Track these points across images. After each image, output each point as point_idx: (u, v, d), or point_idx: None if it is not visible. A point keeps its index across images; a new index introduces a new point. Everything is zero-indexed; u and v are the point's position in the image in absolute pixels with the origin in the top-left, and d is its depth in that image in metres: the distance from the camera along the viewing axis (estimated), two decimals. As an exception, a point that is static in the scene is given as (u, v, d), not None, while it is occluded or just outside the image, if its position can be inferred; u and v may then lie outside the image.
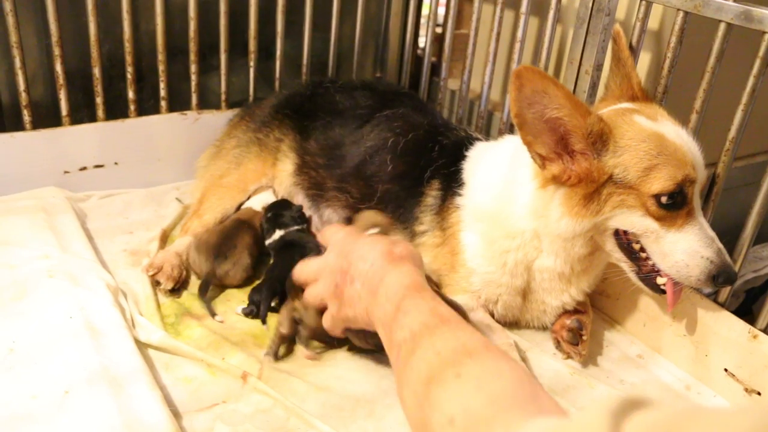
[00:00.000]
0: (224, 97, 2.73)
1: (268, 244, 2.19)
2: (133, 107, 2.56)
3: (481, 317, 1.95)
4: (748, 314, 1.91)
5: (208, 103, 2.74)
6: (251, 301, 1.99)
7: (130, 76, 2.49)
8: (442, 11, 2.97)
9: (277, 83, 2.81)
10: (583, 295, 1.97)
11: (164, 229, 2.35)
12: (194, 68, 2.60)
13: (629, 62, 1.85)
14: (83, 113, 2.54)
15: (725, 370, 1.84)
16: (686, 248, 1.66)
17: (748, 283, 2.46)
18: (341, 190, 2.27)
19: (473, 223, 1.97)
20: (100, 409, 1.52)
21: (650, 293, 1.82)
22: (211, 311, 1.97)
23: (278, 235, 2.17)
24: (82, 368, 1.61)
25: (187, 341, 1.85)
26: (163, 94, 2.60)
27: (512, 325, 2.04)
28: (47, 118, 2.45)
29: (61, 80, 2.37)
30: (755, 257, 2.54)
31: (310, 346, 1.84)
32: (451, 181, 2.06)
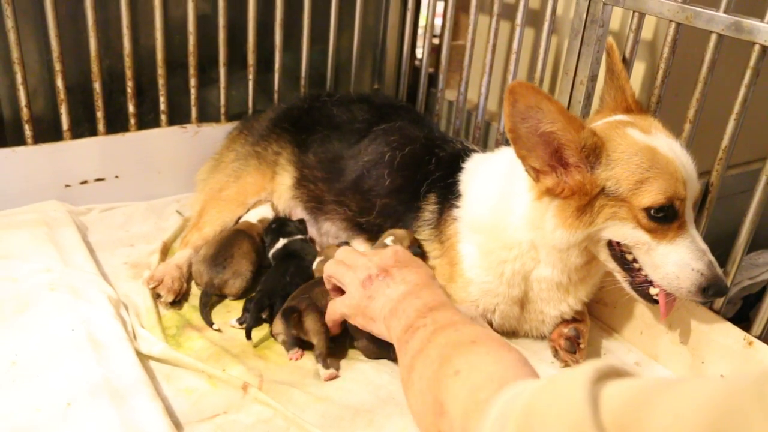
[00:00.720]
0: (223, 110, 2.75)
1: (271, 254, 2.21)
2: (133, 121, 2.58)
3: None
4: (745, 321, 1.91)
5: (207, 116, 2.76)
6: (245, 310, 2.02)
7: (130, 90, 2.51)
8: (439, 22, 2.99)
9: (275, 96, 2.84)
10: (581, 304, 1.98)
11: (165, 241, 2.37)
12: (193, 82, 2.63)
13: (623, 74, 1.88)
14: (84, 127, 2.57)
15: (721, 376, 1.84)
16: (677, 260, 1.67)
17: (744, 290, 2.47)
18: (340, 203, 2.29)
19: (470, 234, 1.99)
20: (102, 421, 1.53)
21: (644, 303, 1.83)
22: (208, 321, 1.99)
23: (281, 243, 2.20)
24: (84, 380, 1.63)
25: (188, 353, 1.87)
26: (162, 107, 2.62)
27: (510, 335, 2.06)
28: (48, 132, 2.47)
29: (62, 95, 2.39)
30: (751, 264, 2.55)
31: (327, 363, 1.84)
32: (448, 193, 2.08)
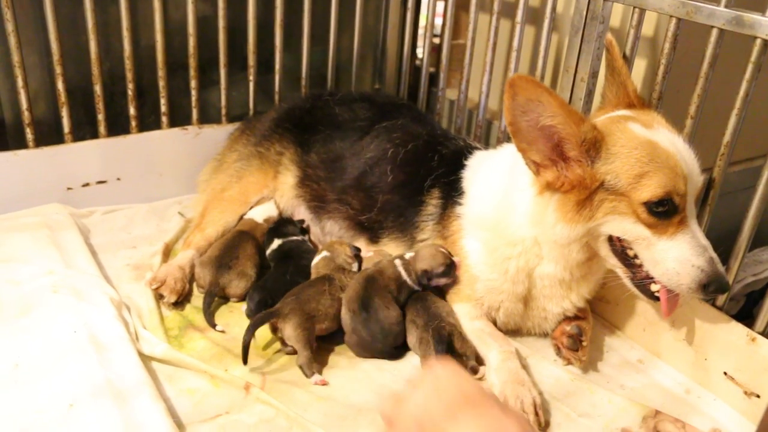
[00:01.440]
0: (224, 111, 2.76)
1: (267, 254, 2.21)
2: (134, 123, 2.58)
3: (482, 326, 1.96)
4: (748, 318, 1.91)
5: (208, 117, 2.76)
6: (248, 307, 2.02)
7: (130, 92, 2.52)
8: (439, 21, 2.99)
9: (276, 96, 2.84)
10: (583, 301, 1.98)
11: (167, 243, 2.37)
12: (194, 83, 2.63)
13: (623, 70, 1.87)
14: (85, 130, 2.57)
15: (725, 373, 1.85)
16: (677, 256, 1.66)
17: (748, 286, 2.46)
18: (342, 201, 2.29)
19: (474, 231, 2.00)
20: (104, 422, 1.53)
21: (645, 300, 1.83)
22: (210, 322, 1.99)
23: (276, 244, 2.20)
24: (86, 382, 1.63)
25: (190, 353, 1.87)
26: (163, 109, 2.62)
27: (514, 332, 2.06)
28: (50, 135, 2.48)
29: (62, 98, 2.40)
30: (755, 261, 2.54)
31: (312, 370, 1.84)
32: (451, 190, 2.08)
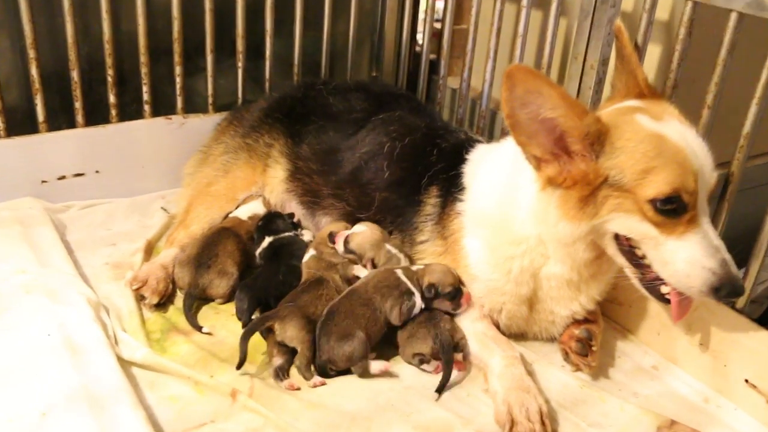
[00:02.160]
0: (211, 100, 2.75)
1: (258, 253, 2.20)
2: (114, 112, 2.57)
3: (484, 329, 1.95)
4: (772, 322, 1.90)
5: (194, 106, 2.75)
6: (237, 308, 2.00)
7: (110, 79, 2.51)
8: (440, 5, 2.98)
9: (267, 85, 2.83)
10: (593, 303, 1.97)
11: (149, 240, 2.36)
12: (179, 70, 2.62)
13: (633, 58, 1.86)
14: (61, 119, 2.55)
15: (746, 380, 1.84)
16: (687, 257, 1.64)
17: (771, 288, 2.46)
18: (338, 197, 2.28)
19: (475, 229, 1.98)
20: (79, 431, 1.52)
21: (656, 302, 1.81)
22: (195, 325, 1.98)
23: (267, 242, 2.19)
24: (60, 388, 1.62)
25: (173, 358, 1.86)
26: (146, 97, 2.61)
27: (518, 336, 2.05)
28: (23, 124, 2.46)
29: (36, 84, 2.38)
30: (778, 261, 2.53)
31: (312, 372, 1.83)
32: (450, 186, 2.07)
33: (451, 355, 1.84)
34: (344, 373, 1.85)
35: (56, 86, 2.51)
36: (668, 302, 1.73)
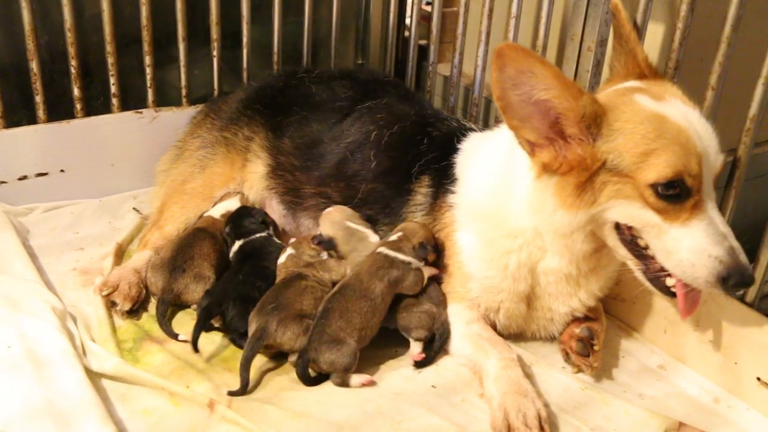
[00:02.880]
0: (185, 92, 2.74)
1: (231, 257, 2.19)
2: (79, 106, 2.56)
3: (479, 330, 1.95)
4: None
5: (166, 99, 2.75)
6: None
7: (74, 70, 2.50)
8: (430, -13, 2.98)
9: (245, 75, 2.83)
10: (594, 299, 1.98)
11: (120, 243, 2.35)
12: (149, 60, 2.61)
13: (632, 37, 1.86)
14: (21, 114, 2.55)
15: (758, 379, 1.84)
16: (692, 246, 1.64)
17: (787, 281, 2.46)
18: (321, 194, 2.28)
19: (469, 222, 1.99)
20: (43, 449, 1.52)
21: (662, 296, 1.82)
22: (170, 333, 1.97)
23: (237, 245, 2.18)
24: (21, 404, 1.61)
25: (147, 368, 1.85)
26: (114, 90, 2.60)
27: (517, 336, 2.05)
28: (-22, 120, 2.46)
29: (-8, 77, 2.39)
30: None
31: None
32: (442, 176, 2.07)
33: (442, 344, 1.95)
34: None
35: (14, 79, 2.50)
36: (674, 295, 1.73)
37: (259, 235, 2.21)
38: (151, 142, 2.67)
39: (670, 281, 1.72)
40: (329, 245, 2.07)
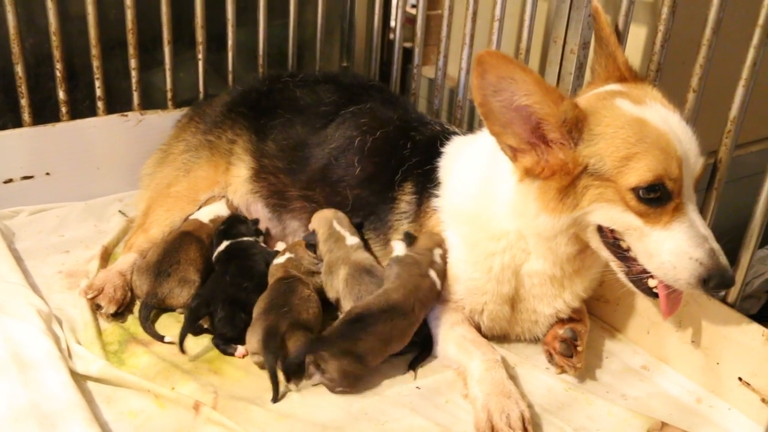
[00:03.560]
0: (170, 95, 2.74)
1: (214, 257, 2.20)
2: (64, 110, 2.56)
3: (464, 332, 1.96)
4: (770, 318, 1.92)
5: (152, 102, 2.75)
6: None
7: (59, 74, 2.49)
8: (414, -10, 3.00)
9: (230, 78, 2.83)
10: (578, 300, 1.99)
11: (105, 246, 2.35)
12: (134, 63, 2.61)
13: (612, 40, 1.88)
14: (6, 118, 2.55)
15: (739, 378, 1.86)
16: (673, 248, 1.66)
17: (768, 283, 2.48)
18: (306, 197, 2.29)
19: (453, 225, 2.00)
20: (28, 451, 1.52)
21: (643, 297, 1.83)
22: (155, 335, 1.98)
23: (224, 245, 2.18)
24: (6, 406, 1.61)
25: (132, 371, 1.85)
26: (99, 93, 2.60)
27: (501, 338, 2.06)
28: (-37, 124, 2.46)
29: (-23, 81, 2.39)
30: (777, 254, 2.56)
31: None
32: (426, 181, 2.08)
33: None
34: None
35: (-1, 82, 2.50)
36: (656, 296, 1.75)
37: (247, 238, 2.22)
38: (136, 145, 2.67)
39: (652, 282, 1.74)
40: (311, 238, 2.10)
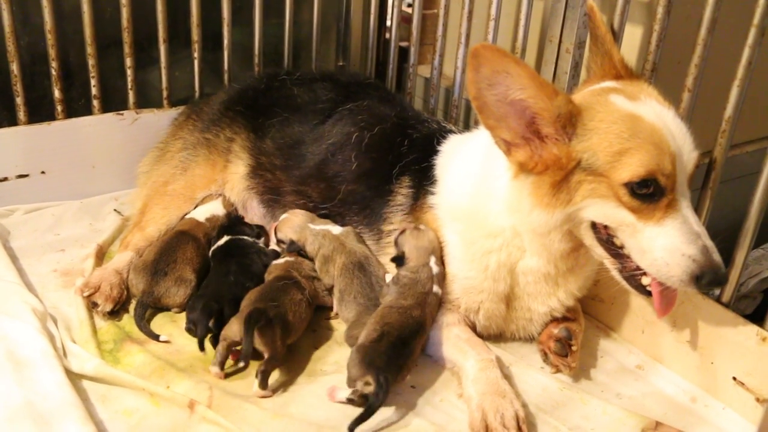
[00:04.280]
0: (166, 93, 2.74)
1: (211, 252, 2.20)
2: (60, 108, 2.56)
3: (459, 332, 1.97)
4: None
5: (147, 101, 2.75)
6: (189, 319, 1.99)
7: (54, 72, 2.49)
8: (410, -11, 3.00)
9: (226, 77, 2.83)
10: (572, 298, 1.99)
11: (101, 244, 2.35)
12: (130, 62, 2.61)
13: (607, 38, 1.88)
14: (1, 116, 2.55)
15: (734, 378, 1.86)
16: (666, 245, 1.66)
17: (764, 282, 2.48)
18: (300, 193, 2.30)
19: (449, 223, 2.01)
20: (23, 449, 1.52)
21: (637, 295, 1.83)
22: (150, 334, 1.98)
23: (224, 240, 2.19)
24: (1, 405, 1.61)
25: (127, 369, 1.86)
26: (94, 92, 2.60)
27: (496, 337, 2.07)
28: (-42, 123, 2.46)
29: (-27, 79, 2.38)
30: (773, 254, 2.57)
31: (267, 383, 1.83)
32: (422, 178, 2.09)
33: None
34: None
35: (-6, 81, 2.49)
36: (650, 294, 1.75)
37: (247, 237, 2.23)
38: (132, 143, 2.67)
39: (645, 280, 1.74)
40: (294, 247, 2.12)
